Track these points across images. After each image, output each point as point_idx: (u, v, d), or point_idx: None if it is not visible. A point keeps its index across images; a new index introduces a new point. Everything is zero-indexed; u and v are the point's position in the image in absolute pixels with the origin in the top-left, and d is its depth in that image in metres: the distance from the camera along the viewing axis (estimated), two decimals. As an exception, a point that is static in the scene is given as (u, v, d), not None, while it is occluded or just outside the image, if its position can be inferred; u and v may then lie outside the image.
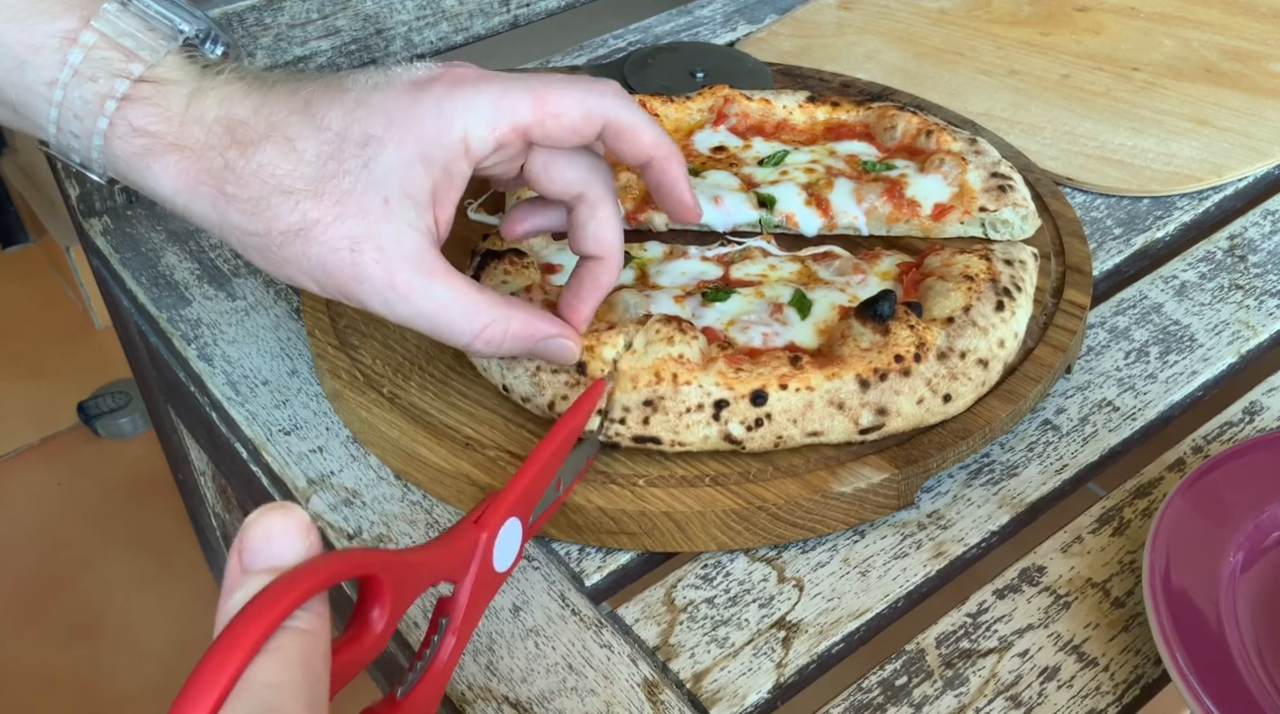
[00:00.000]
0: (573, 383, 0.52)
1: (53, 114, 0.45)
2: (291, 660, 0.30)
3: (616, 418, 0.51)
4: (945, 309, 0.55)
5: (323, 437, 0.57)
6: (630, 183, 0.65)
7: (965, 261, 0.57)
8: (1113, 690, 0.47)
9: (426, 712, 0.41)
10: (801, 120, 0.71)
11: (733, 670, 0.47)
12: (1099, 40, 0.88)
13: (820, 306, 0.57)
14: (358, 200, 0.44)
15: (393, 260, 0.45)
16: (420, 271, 0.45)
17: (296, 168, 0.44)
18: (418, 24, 0.84)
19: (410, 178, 0.44)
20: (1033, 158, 0.73)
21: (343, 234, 0.44)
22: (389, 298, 0.45)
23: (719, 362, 0.51)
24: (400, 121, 0.44)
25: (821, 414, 0.51)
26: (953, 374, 0.52)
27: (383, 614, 0.36)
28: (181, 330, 0.64)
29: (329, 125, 0.44)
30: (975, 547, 0.52)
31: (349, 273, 0.45)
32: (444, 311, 0.46)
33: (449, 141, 0.45)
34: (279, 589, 0.31)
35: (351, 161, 0.44)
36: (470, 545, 0.42)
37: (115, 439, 1.38)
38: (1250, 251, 0.69)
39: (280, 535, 0.32)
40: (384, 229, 0.44)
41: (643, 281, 0.60)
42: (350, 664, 0.35)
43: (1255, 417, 0.59)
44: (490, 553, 0.43)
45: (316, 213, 0.44)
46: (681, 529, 0.50)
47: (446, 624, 0.42)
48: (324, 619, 0.32)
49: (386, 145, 0.44)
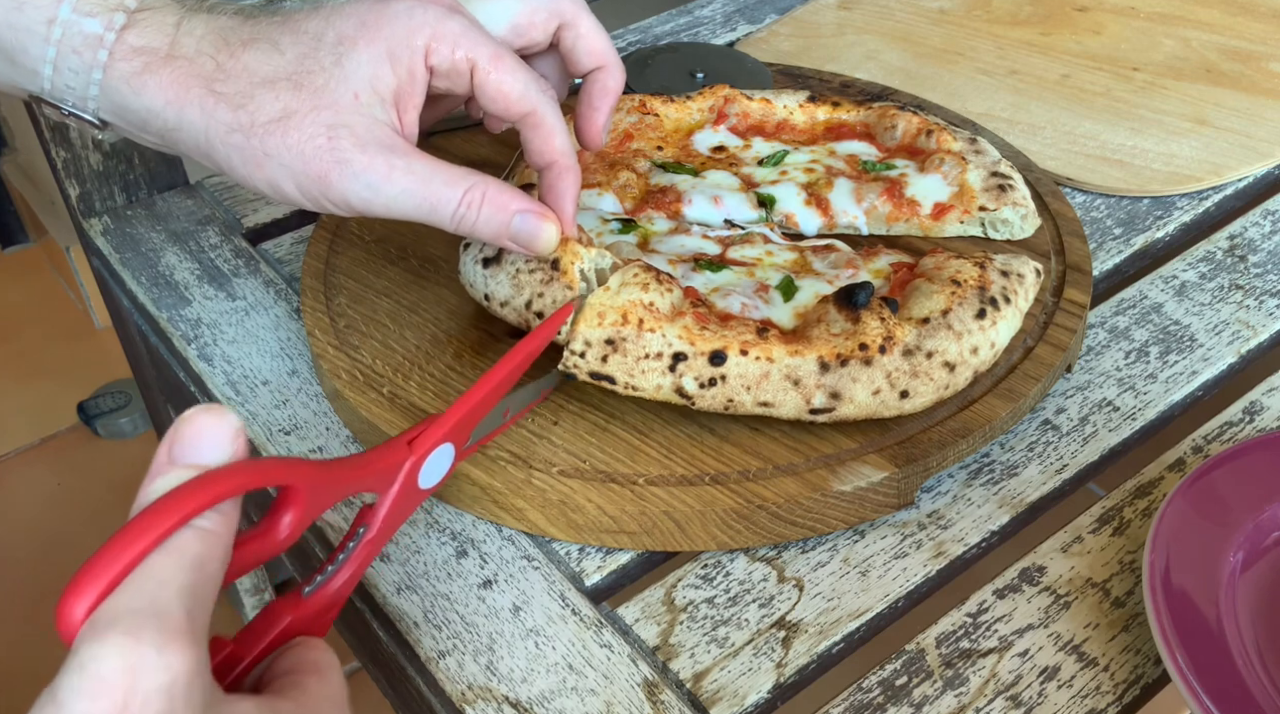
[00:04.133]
0: (547, 280, 0.53)
1: (50, 53, 0.48)
2: (186, 560, 0.32)
3: (577, 351, 0.52)
4: (924, 309, 0.55)
5: (323, 437, 0.57)
6: (630, 182, 0.65)
7: (957, 266, 0.57)
8: (1113, 690, 0.47)
9: (329, 611, 0.42)
10: (802, 120, 0.71)
11: (733, 670, 0.47)
12: (1099, 40, 0.88)
13: (805, 293, 0.57)
14: (331, 93, 0.47)
15: (368, 144, 0.48)
16: (395, 153, 0.48)
17: (280, 64, 0.48)
18: (418, 24, 0.84)
19: (378, 75, 0.48)
20: (1033, 158, 0.73)
21: (321, 122, 0.47)
22: (371, 179, 0.48)
23: (687, 317, 0.52)
24: (372, 23, 0.48)
25: (776, 386, 0.52)
26: (914, 372, 0.53)
27: (292, 520, 0.38)
28: (181, 330, 0.64)
29: (307, 30, 0.48)
30: (975, 546, 0.52)
31: (329, 158, 0.47)
32: (425, 184, 0.48)
33: (414, 44, 0.48)
34: (192, 488, 0.33)
35: (326, 58, 0.48)
36: (397, 463, 0.44)
37: (115, 439, 1.38)
38: (1250, 251, 0.69)
39: (210, 435, 0.35)
40: (356, 119, 0.48)
41: (643, 249, 0.61)
42: (251, 558, 0.37)
43: (1255, 417, 0.59)
44: (416, 472, 0.45)
45: (295, 103, 0.47)
46: (681, 529, 0.50)
47: (364, 532, 0.44)
48: (230, 520, 0.34)
49: (357, 43, 0.48)
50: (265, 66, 0.47)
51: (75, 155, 0.72)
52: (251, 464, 0.35)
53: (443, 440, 0.46)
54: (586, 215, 0.62)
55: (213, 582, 0.33)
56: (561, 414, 0.54)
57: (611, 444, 0.53)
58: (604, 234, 0.61)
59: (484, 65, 0.49)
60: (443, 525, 0.53)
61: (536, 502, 0.51)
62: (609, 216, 0.63)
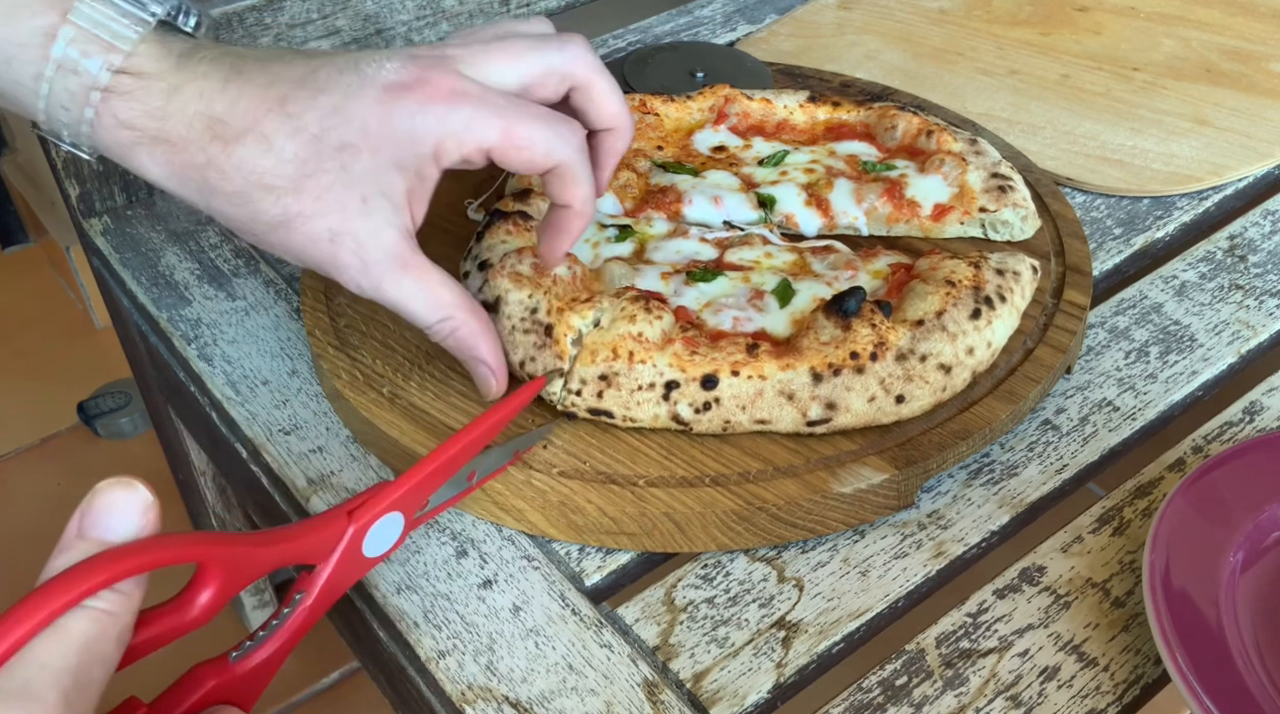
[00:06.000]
0: (540, 346, 0.53)
1: (41, 104, 0.47)
2: (72, 644, 0.31)
3: (574, 389, 0.52)
4: (919, 311, 0.55)
5: (323, 437, 0.57)
6: (630, 182, 0.65)
7: (952, 267, 0.57)
8: (1113, 690, 0.47)
9: (260, 679, 0.41)
10: (802, 120, 0.71)
11: (733, 670, 0.47)
12: (1099, 40, 0.88)
13: (802, 297, 0.57)
14: (337, 197, 0.47)
15: (368, 252, 0.48)
16: (393, 264, 0.49)
17: (276, 166, 0.46)
18: (418, 24, 0.84)
19: (386, 181, 0.48)
20: (1033, 158, 0.73)
21: (324, 227, 0.47)
22: (362, 284, 0.49)
23: (676, 343, 0.53)
24: (375, 131, 0.47)
25: (771, 403, 0.52)
26: (909, 376, 0.53)
27: (209, 598, 0.36)
28: (181, 330, 0.64)
29: (306, 127, 0.46)
30: (975, 547, 0.52)
31: (328, 260, 0.48)
32: (409, 301, 0.50)
33: (421, 151, 0.48)
34: (89, 567, 0.32)
35: (329, 163, 0.47)
36: (336, 535, 0.43)
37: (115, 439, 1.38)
38: (1250, 251, 0.69)
39: (121, 510, 0.34)
40: (361, 225, 0.48)
41: (639, 256, 0.61)
42: (163, 635, 0.36)
43: (1255, 417, 0.59)
44: (359, 542, 0.44)
45: (298, 207, 0.47)
46: (681, 529, 0.50)
47: (300, 599, 0.42)
48: (131, 600, 0.33)
49: (362, 153, 0.47)
50: (260, 166, 0.46)
51: (75, 155, 0.72)
52: (158, 541, 0.34)
53: (388, 510, 0.45)
54: None
55: (103, 664, 0.32)
56: (561, 415, 0.54)
57: (612, 445, 0.53)
58: (600, 244, 0.61)
59: (499, 147, 0.48)
60: (443, 525, 0.53)
61: (537, 502, 0.51)
62: (607, 221, 0.63)
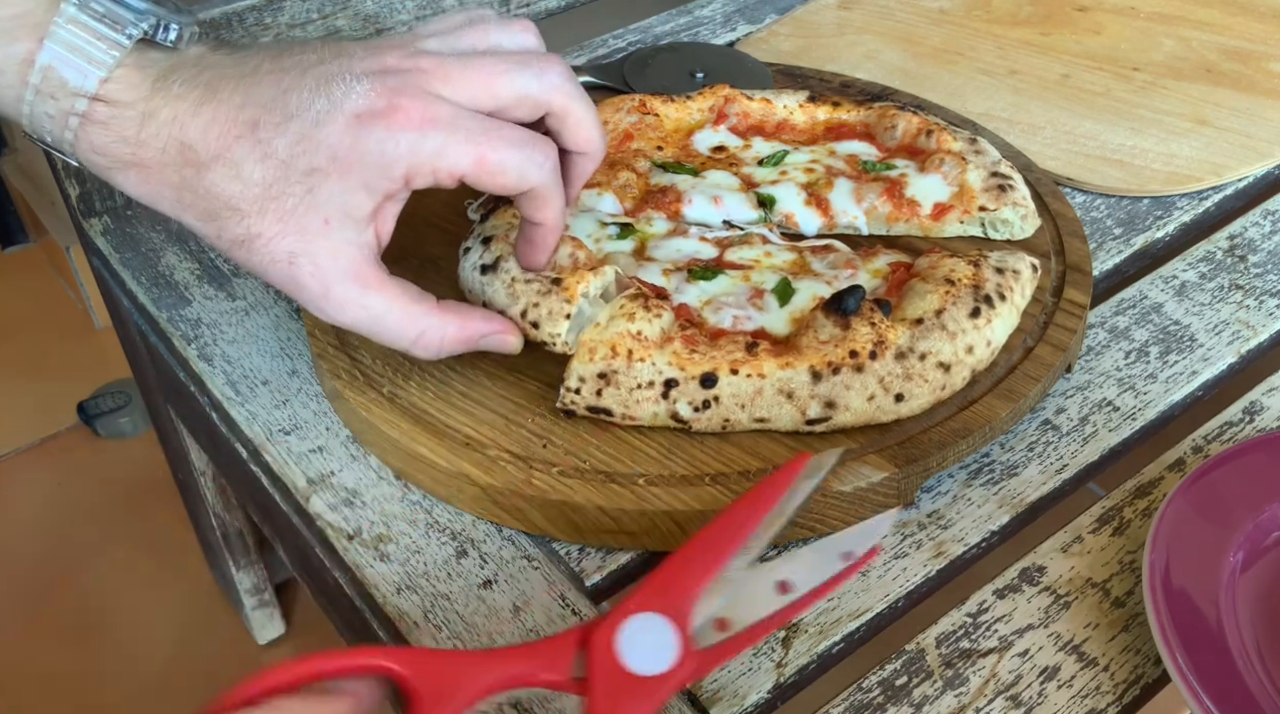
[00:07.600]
0: (544, 292, 0.53)
1: (26, 123, 0.48)
2: None
3: (573, 387, 0.52)
4: (918, 310, 0.55)
5: (323, 437, 0.57)
6: (630, 182, 0.65)
7: (951, 265, 0.57)
8: (1113, 690, 0.47)
9: None
10: (802, 120, 0.71)
11: (733, 670, 0.47)
12: (1099, 40, 0.88)
13: (802, 296, 0.57)
14: (299, 220, 0.47)
15: (327, 274, 0.48)
16: (355, 284, 0.49)
17: (243, 190, 0.47)
18: (417, 24, 0.84)
19: (352, 202, 0.48)
20: (1033, 158, 0.73)
21: (283, 249, 0.48)
22: (324, 307, 0.49)
23: (675, 342, 0.52)
24: (343, 157, 0.47)
25: (770, 401, 0.52)
26: (908, 375, 0.53)
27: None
28: (181, 330, 0.64)
29: (275, 153, 0.47)
30: (975, 546, 0.52)
31: (288, 282, 0.49)
32: (378, 321, 0.50)
33: (392, 174, 0.47)
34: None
35: (296, 187, 0.47)
36: (569, 644, 0.37)
37: (115, 439, 1.38)
38: (1250, 251, 0.69)
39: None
40: (321, 246, 0.48)
41: (640, 254, 0.61)
42: None
43: (1255, 417, 0.59)
44: (609, 654, 0.37)
45: (259, 228, 0.47)
46: (682, 529, 0.50)
47: None
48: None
49: (330, 177, 0.47)
50: (228, 191, 0.47)
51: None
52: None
53: (639, 608, 0.38)
54: (586, 217, 0.62)
55: None
56: (561, 414, 0.54)
57: (611, 444, 0.53)
58: (602, 240, 0.61)
59: (471, 173, 0.48)
60: (443, 525, 0.53)
61: (536, 502, 0.51)
62: (608, 219, 0.63)
